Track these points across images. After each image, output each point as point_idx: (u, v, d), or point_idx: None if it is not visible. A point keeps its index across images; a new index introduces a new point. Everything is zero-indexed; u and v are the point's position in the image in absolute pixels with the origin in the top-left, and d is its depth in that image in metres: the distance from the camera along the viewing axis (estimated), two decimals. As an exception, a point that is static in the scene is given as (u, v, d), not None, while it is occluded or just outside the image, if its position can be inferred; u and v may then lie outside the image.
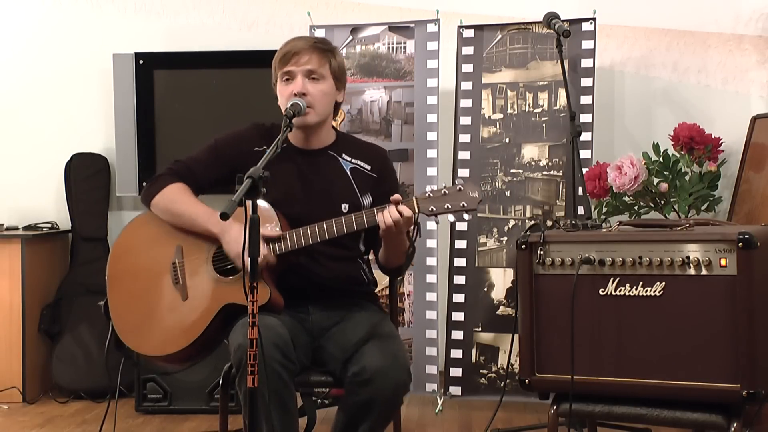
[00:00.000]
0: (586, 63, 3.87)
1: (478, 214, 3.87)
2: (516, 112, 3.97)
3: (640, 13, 4.29)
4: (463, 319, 3.93)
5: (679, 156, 3.68)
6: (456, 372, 3.92)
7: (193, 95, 4.43)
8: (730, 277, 2.31)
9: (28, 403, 4.22)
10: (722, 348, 2.31)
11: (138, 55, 4.41)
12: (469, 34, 4.04)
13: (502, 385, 3.78)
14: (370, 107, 4.08)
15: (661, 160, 3.66)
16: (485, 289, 3.94)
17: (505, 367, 3.79)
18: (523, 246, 2.53)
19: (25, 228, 4.49)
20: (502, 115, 3.99)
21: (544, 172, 3.91)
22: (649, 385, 2.38)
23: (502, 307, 3.90)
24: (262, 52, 4.31)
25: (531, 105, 3.95)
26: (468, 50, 4.04)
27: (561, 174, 3.88)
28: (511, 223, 3.93)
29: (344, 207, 2.69)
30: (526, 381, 2.53)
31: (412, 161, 3.99)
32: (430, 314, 3.96)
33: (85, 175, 4.53)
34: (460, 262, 3.96)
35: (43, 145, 4.64)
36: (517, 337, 2.57)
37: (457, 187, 2.50)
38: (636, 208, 3.68)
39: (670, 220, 3.18)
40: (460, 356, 3.92)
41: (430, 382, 3.91)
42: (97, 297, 4.25)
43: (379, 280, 2.93)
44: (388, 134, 4.06)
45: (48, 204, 4.63)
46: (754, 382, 2.28)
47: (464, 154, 4.00)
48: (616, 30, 4.31)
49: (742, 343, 2.28)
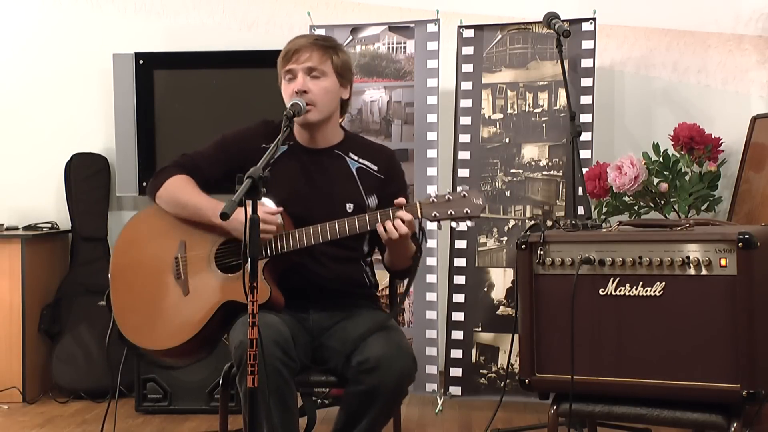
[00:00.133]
0: (586, 63, 3.87)
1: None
2: (516, 112, 3.97)
3: (640, 13, 4.29)
4: (463, 319, 3.93)
5: (679, 156, 3.68)
6: (456, 372, 3.92)
7: (193, 95, 4.43)
8: (730, 277, 2.31)
9: (28, 403, 4.22)
10: (722, 348, 2.31)
11: (138, 55, 4.41)
12: (469, 34, 4.04)
13: (502, 385, 3.78)
14: (370, 107, 4.08)
15: (661, 160, 3.66)
16: (485, 289, 3.94)
17: (505, 367, 3.79)
18: (523, 246, 2.53)
19: (25, 228, 4.49)
20: (502, 115, 3.99)
21: (544, 172, 3.91)
22: (649, 385, 2.38)
23: (502, 307, 3.90)
24: (262, 52, 4.35)
25: (531, 105, 3.95)
26: (468, 50, 4.04)
27: (561, 174, 3.88)
28: (511, 223, 3.93)
29: (349, 207, 2.69)
30: (526, 381, 2.53)
31: (412, 161, 3.99)
32: (430, 314, 3.96)
33: (85, 175, 4.53)
34: (460, 262, 3.96)
35: (43, 145, 4.64)
36: (517, 337, 2.57)
37: (461, 194, 2.50)
38: (636, 208, 3.68)
39: (670, 220, 3.18)
40: (460, 356, 3.92)
41: (430, 382, 3.91)
42: (97, 297, 4.28)
43: (380, 280, 2.93)
44: (388, 134, 4.06)
45: (48, 204, 4.63)
46: (754, 382, 2.28)
47: (464, 154, 4.00)
48: (616, 30, 4.31)
49: (742, 343, 2.28)
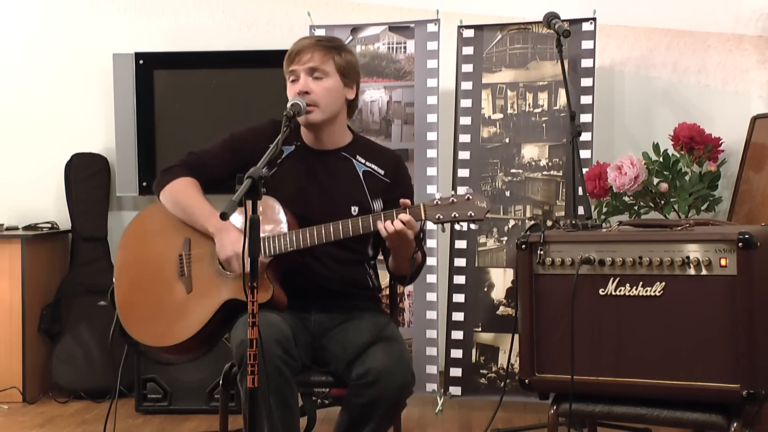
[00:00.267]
0: (586, 63, 3.87)
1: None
2: (516, 112, 3.97)
3: (640, 13, 4.29)
4: (463, 319, 3.93)
5: (679, 156, 3.68)
6: (456, 372, 3.92)
7: (193, 95, 4.43)
8: (730, 277, 2.31)
9: (28, 403, 4.22)
10: (722, 348, 2.31)
11: (138, 55, 4.41)
12: (469, 34, 4.04)
13: (502, 385, 3.78)
14: (370, 107, 4.08)
15: (661, 160, 3.66)
16: (485, 289, 3.94)
17: (505, 367, 3.78)
18: (523, 246, 2.53)
19: (25, 228, 4.49)
20: (502, 115, 3.99)
21: (544, 172, 3.91)
22: (649, 385, 2.38)
23: (502, 307, 3.90)
24: (262, 52, 4.36)
25: (531, 105, 3.95)
26: (468, 50, 4.04)
27: (561, 174, 3.88)
28: (511, 223, 3.93)
29: (354, 209, 2.68)
30: (526, 381, 2.53)
31: (412, 161, 3.99)
32: (430, 314, 3.96)
33: (85, 175, 4.53)
34: (460, 262, 3.96)
35: (43, 144, 4.64)
36: (517, 337, 2.57)
37: (466, 197, 2.50)
38: (636, 208, 3.68)
39: (670, 220, 3.18)
40: (460, 356, 3.92)
41: (430, 382, 3.91)
42: (97, 297, 4.34)
43: (382, 282, 2.92)
44: (388, 134, 4.06)
45: (48, 204, 4.63)
46: (754, 382, 2.28)
47: (464, 154, 4.00)
48: (616, 30, 4.31)
49: (742, 343, 2.28)
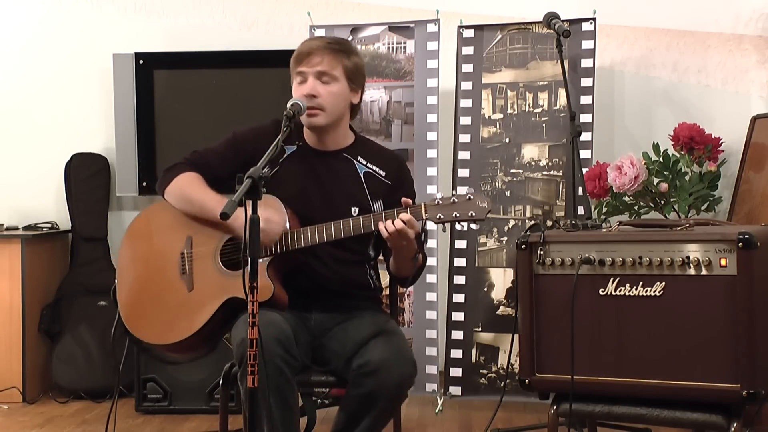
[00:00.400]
0: (586, 63, 3.87)
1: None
2: (516, 112, 3.97)
3: (640, 13, 4.29)
4: (463, 319, 3.93)
5: (679, 156, 3.68)
6: (456, 372, 3.92)
7: (193, 95, 4.43)
8: (730, 277, 2.31)
9: (28, 403, 4.22)
10: (722, 348, 2.31)
11: (138, 55, 4.41)
12: (469, 34, 4.04)
13: (502, 385, 3.78)
14: (370, 107, 4.08)
15: (661, 160, 3.66)
16: (485, 289, 3.94)
17: (505, 367, 3.78)
18: (523, 246, 2.53)
19: (25, 228, 4.49)
20: (502, 115, 3.99)
21: (544, 172, 3.91)
22: (649, 385, 2.38)
23: (502, 307, 3.90)
24: (262, 52, 4.36)
25: (531, 105, 3.95)
26: (468, 50, 4.04)
27: (561, 174, 3.88)
28: (511, 223, 3.93)
29: (354, 210, 2.69)
30: (526, 381, 2.53)
31: (412, 161, 3.99)
32: (430, 314, 3.96)
33: (85, 175, 4.53)
34: (460, 262, 3.96)
35: (43, 145, 4.64)
36: (517, 337, 2.57)
37: (467, 197, 2.50)
38: (636, 208, 3.68)
39: (670, 220, 3.18)
40: (460, 356, 3.92)
41: (430, 382, 3.91)
42: (97, 297, 4.34)
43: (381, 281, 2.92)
44: (388, 134, 4.06)
45: (48, 204, 4.63)
46: (754, 382, 2.28)
47: (464, 154, 4.00)
48: (616, 30, 4.31)
49: (742, 343, 2.28)
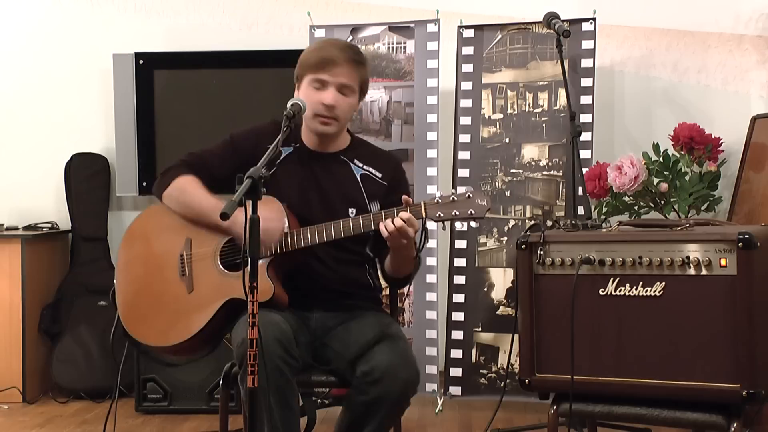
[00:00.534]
0: (586, 63, 3.87)
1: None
2: (516, 112, 3.97)
3: (640, 13, 4.29)
4: (463, 319, 3.93)
5: (679, 156, 3.68)
6: (456, 372, 3.92)
7: (193, 95, 4.43)
8: (730, 277, 2.31)
9: (28, 403, 4.22)
10: (722, 348, 2.31)
11: (138, 55, 4.41)
12: (469, 34, 4.04)
13: (502, 385, 3.78)
14: (370, 107, 4.08)
15: (661, 160, 3.66)
16: (485, 289, 3.94)
17: (505, 367, 3.78)
18: (523, 246, 2.53)
19: (25, 228, 4.49)
20: (502, 115, 3.99)
21: (544, 172, 3.91)
22: (649, 385, 2.38)
23: (502, 307, 3.90)
24: (262, 52, 4.36)
25: (531, 105, 3.95)
26: (468, 50, 4.04)
27: (561, 174, 3.88)
28: (511, 223, 3.93)
29: (351, 212, 2.69)
30: (526, 381, 2.53)
31: (412, 161, 3.99)
32: (430, 314, 3.96)
33: (85, 175, 4.53)
34: (460, 262, 3.96)
35: (43, 145, 4.64)
36: (517, 337, 2.57)
37: (466, 194, 2.50)
38: (636, 208, 3.67)
39: (670, 220, 3.18)
40: (460, 356, 3.92)
41: (430, 382, 3.91)
42: (97, 297, 4.34)
43: (382, 282, 2.92)
44: (388, 134, 4.06)
45: (48, 204, 4.63)
46: (754, 382, 2.28)
47: (464, 154, 4.00)
48: (616, 30, 4.31)
49: (742, 343, 2.28)
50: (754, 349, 2.28)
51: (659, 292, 2.39)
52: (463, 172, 3.99)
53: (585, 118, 3.80)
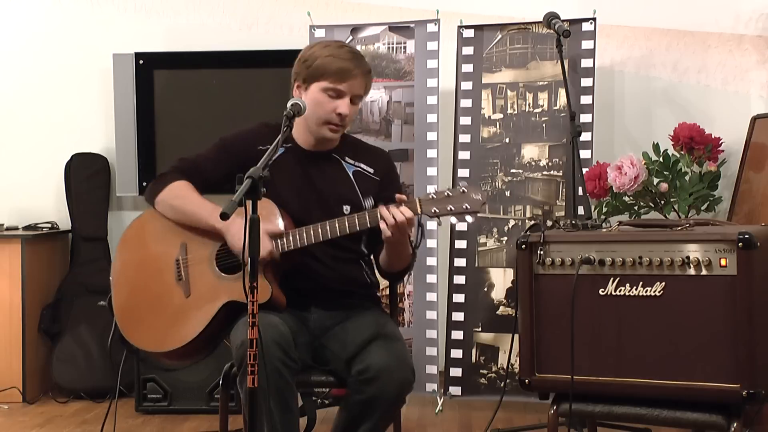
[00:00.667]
0: (586, 63, 3.87)
1: (478, 214, 3.87)
2: (516, 112, 3.97)
3: (640, 13, 4.29)
4: (463, 319, 3.93)
5: (679, 156, 3.68)
6: (456, 372, 3.92)
7: (193, 95, 4.43)
8: (730, 277, 2.31)
9: (28, 403, 4.22)
10: (722, 348, 2.31)
11: (138, 55, 4.41)
12: (469, 34, 4.04)
13: (502, 385, 3.78)
14: (370, 107, 4.08)
15: (661, 160, 3.66)
16: (485, 289, 3.94)
17: (505, 367, 3.78)
18: (523, 246, 2.53)
19: (25, 228, 4.49)
20: (502, 115, 3.99)
21: (544, 172, 3.91)
22: (649, 385, 2.38)
23: (502, 307, 3.90)
24: (262, 52, 4.36)
25: (531, 105, 3.95)
26: (468, 50, 4.04)
27: (561, 174, 3.88)
28: (511, 223, 3.93)
29: (346, 209, 2.70)
30: (526, 381, 2.53)
31: (412, 161, 3.99)
32: (430, 314, 3.96)
33: (85, 175, 4.53)
34: (460, 262, 3.96)
35: (43, 145, 4.64)
36: (517, 337, 2.57)
37: (461, 189, 2.50)
38: (636, 208, 3.68)
39: (670, 220, 3.18)
40: (460, 356, 3.92)
41: (430, 382, 3.91)
42: (97, 297, 4.28)
43: (380, 280, 2.92)
44: (388, 134, 4.06)
45: (48, 204, 4.63)
46: (754, 382, 2.28)
47: (464, 154, 4.00)
48: (616, 30, 4.31)
49: (742, 343, 2.28)
50: (754, 349, 2.28)
51: (659, 292, 2.39)
52: (463, 172, 3.99)
53: (585, 118, 3.80)
